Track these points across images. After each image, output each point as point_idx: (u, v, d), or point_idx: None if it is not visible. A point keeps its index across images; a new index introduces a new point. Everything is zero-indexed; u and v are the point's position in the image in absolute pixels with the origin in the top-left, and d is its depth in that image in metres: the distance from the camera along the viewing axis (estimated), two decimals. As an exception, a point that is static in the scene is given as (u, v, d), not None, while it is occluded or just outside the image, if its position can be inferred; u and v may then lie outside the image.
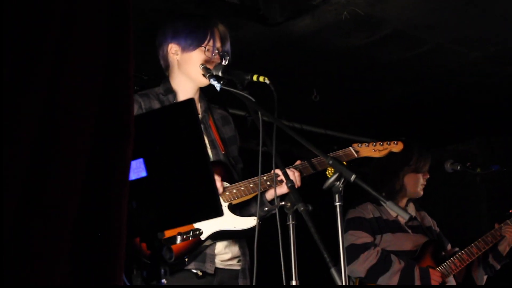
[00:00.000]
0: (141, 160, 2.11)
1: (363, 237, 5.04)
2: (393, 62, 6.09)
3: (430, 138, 7.67)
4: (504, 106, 7.20)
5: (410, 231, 5.26)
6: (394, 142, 4.13)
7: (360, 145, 4.02)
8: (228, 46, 3.75)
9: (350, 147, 3.99)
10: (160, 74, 3.85)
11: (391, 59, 6.02)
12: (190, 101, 2.08)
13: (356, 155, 3.97)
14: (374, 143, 4.07)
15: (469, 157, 7.51)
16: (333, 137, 7.61)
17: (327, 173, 3.85)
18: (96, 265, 1.70)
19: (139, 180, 2.09)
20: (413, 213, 5.38)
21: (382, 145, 4.09)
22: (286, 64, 5.92)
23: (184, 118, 2.08)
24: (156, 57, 3.81)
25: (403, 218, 5.16)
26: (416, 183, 5.31)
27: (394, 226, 5.22)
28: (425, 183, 5.35)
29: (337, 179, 2.90)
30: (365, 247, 5.00)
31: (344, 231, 5.09)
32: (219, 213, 2.07)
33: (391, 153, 4.16)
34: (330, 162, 2.93)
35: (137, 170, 2.10)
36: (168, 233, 3.31)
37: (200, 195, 2.08)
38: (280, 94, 3.25)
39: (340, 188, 2.91)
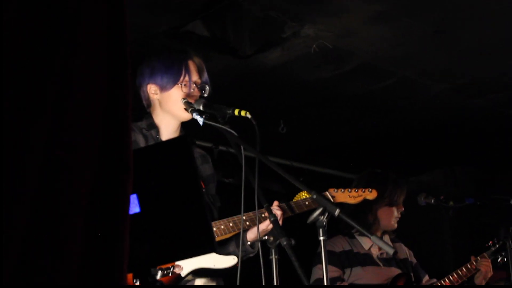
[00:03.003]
0: (134, 195, 2.11)
1: (330, 271, 5.01)
2: (360, 94, 6.15)
3: (395, 169, 7.71)
4: (469, 137, 7.29)
5: (381, 264, 5.21)
6: (368, 190, 4.38)
7: (336, 190, 4.22)
8: (205, 77, 3.78)
9: (327, 192, 4.16)
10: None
11: (358, 91, 6.08)
12: (185, 138, 2.09)
13: (332, 200, 4.11)
14: (350, 190, 4.29)
15: (433, 188, 7.58)
16: (299, 168, 7.63)
17: None
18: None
19: (133, 216, 2.08)
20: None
21: (357, 191, 4.32)
22: (255, 96, 5.93)
23: (179, 154, 2.09)
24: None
25: (376, 251, 5.21)
26: (390, 216, 5.26)
27: (364, 260, 5.17)
28: (399, 216, 5.30)
29: (321, 213, 2.92)
30: (331, 281, 4.97)
31: (314, 264, 5.12)
32: (214, 249, 2.08)
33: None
34: (314, 196, 2.95)
35: (131, 205, 2.09)
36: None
37: (194, 230, 2.08)
38: (248, 126, 3.28)
39: (324, 223, 2.93)
